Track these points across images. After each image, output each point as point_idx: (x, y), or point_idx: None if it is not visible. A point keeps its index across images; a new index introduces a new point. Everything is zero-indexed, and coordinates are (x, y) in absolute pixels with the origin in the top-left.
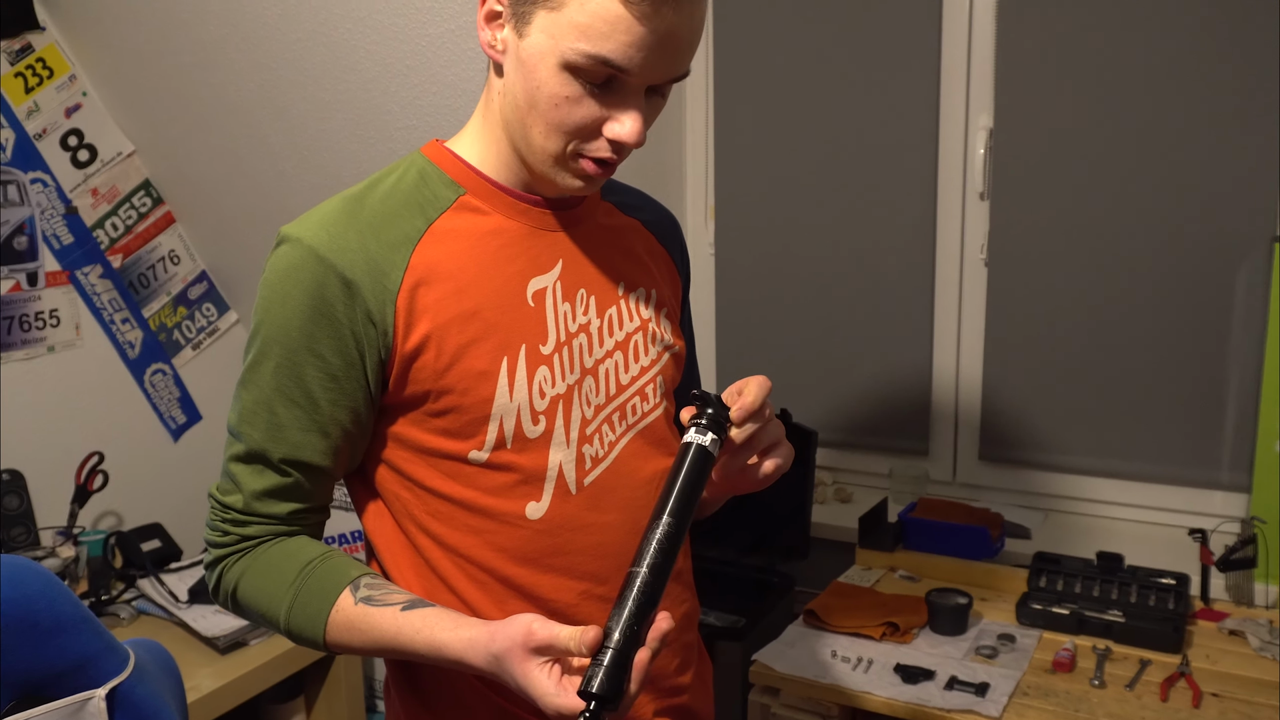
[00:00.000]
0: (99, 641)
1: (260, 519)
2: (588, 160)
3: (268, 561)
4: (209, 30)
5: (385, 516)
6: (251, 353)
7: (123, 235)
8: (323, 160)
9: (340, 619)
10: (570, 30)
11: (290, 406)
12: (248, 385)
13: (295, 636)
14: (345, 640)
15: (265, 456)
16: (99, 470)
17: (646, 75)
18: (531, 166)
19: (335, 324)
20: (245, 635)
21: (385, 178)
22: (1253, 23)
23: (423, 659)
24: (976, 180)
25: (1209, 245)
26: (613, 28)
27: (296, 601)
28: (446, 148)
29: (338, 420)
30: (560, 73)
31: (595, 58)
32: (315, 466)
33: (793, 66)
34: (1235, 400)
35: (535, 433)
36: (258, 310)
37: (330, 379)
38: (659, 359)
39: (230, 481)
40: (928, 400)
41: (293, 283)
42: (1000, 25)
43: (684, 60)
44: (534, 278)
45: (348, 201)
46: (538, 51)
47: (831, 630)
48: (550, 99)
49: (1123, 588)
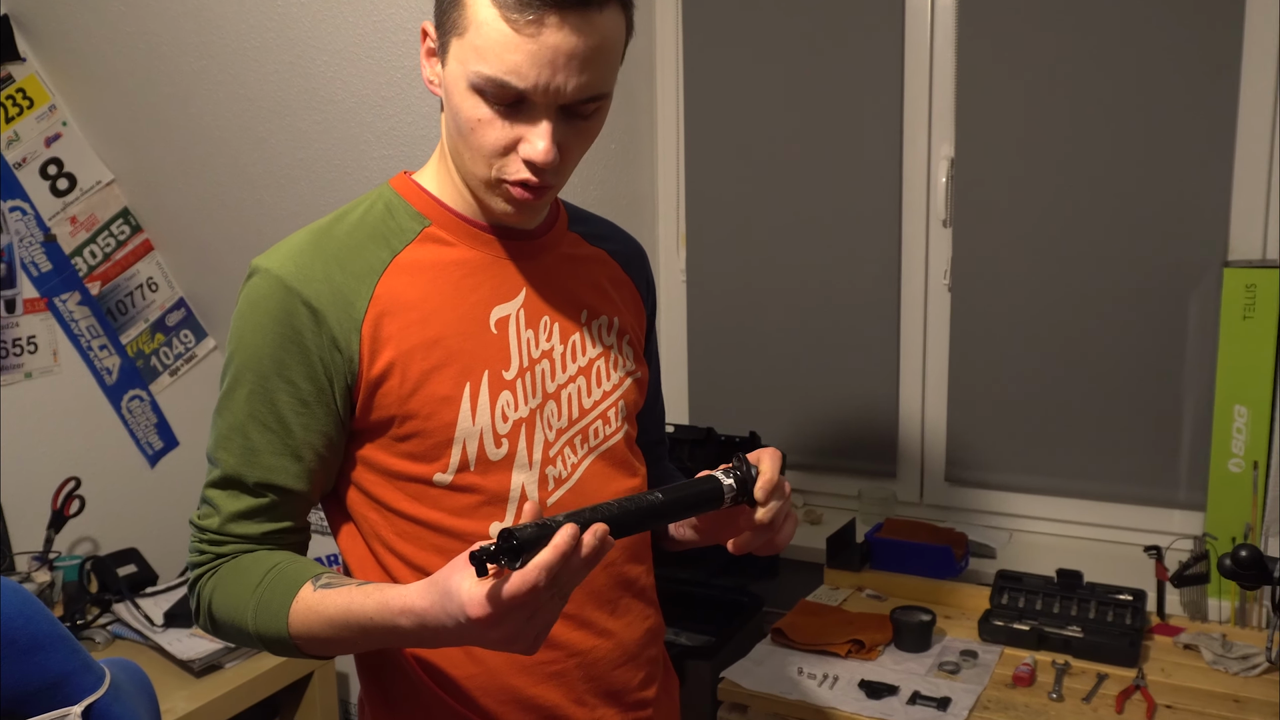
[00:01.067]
0: (75, 659)
1: (235, 539)
2: (511, 185)
3: (236, 569)
4: (188, 62)
5: (356, 537)
6: (226, 380)
7: (101, 263)
8: (300, 189)
9: (300, 607)
10: (471, 54)
11: (263, 431)
12: (222, 412)
13: (263, 638)
14: (306, 626)
15: (240, 480)
16: (75, 495)
17: (546, 94)
18: (472, 192)
19: (304, 351)
20: (220, 658)
21: (353, 210)
22: (1206, 55)
23: (372, 625)
24: (939, 208)
25: (1163, 271)
26: (503, 48)
27: (260, 601)
28: (413, 180)
29: (310, 444)
30: (470, 95)
31: (491, 79)
32: (289, 489)
33: (761, 99)
34: (1190, 421)
35: (498, 455)
36: (231, 339)
37: (301, 404)
38: (620, 384)
39: (208, 506)
40: (895, 423)
41: (263, 312)
42: (960, 59)
43: (585, 79)
44: (497, 305)
45: (315, 234)
46: (453, 78)
47: (799, 648)
48: (467, 122)
49: (1082, 604)
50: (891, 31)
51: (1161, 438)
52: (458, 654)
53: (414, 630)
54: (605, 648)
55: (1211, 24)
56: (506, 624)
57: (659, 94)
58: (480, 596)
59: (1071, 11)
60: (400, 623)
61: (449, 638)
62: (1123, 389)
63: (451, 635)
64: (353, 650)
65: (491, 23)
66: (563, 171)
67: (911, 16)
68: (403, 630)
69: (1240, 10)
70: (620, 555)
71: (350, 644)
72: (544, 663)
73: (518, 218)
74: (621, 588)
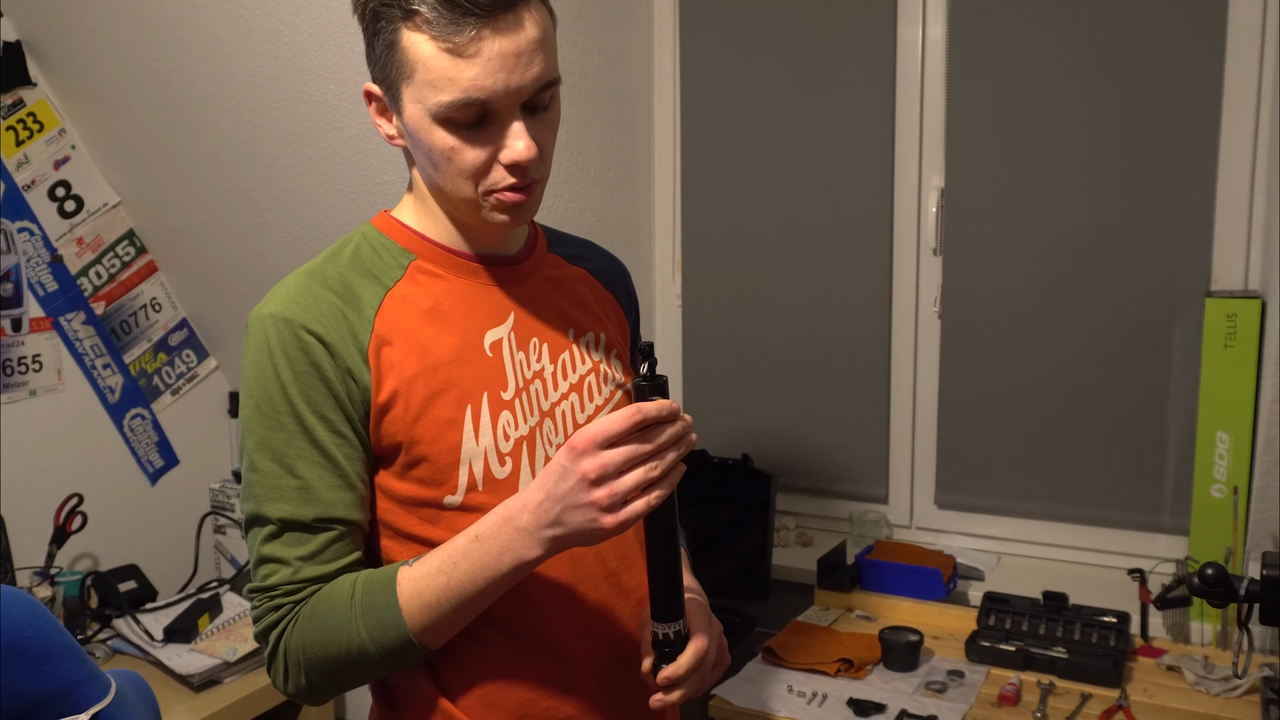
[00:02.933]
0: (83, 669)
1: (309, 583)
2: (501, 193)
3: (317, 603)
4: (196, 89)
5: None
6: (253, 437)
7: (106, 283)
8: (303, 213)
9: (405, 585)
10: (427, 90)
11: (313, 467)
12: (258, 468)
13: (378, 643)
14: (419, 600)
15: (299, 522)
16: (78, 511)
17: (508, 97)
18: (465, 219)
19: (327, 382)
20: (219, 673)
21: (342, 249)
22: (1188, 90)
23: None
24: (930, 237)
25: (1148, 300)
26: (453, 71)
27: (365, 608)
28: (394, 217)
29: (356, 473)
30: (437, 129)
31: (453, 104)
32: (349, 520)
33: (755, 130)
34: (1175, 448)
35: (503, 474)
36: (252, 392)
37: (338, 435)
38: (612, 397)
39: (269, 564)
40: (886, 447)
41: (279, 354)
42: (950, 92)
43: (535, 70)
44: (489, 330)
45: (309, 276)
46: (415, 120)
47: (789, 667)
48: (442, 154)
49: (1067, 626)
50: (883, 66)
51: (1146, 464)
52: (471, 670)
53: (515, 512)
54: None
55: (1193, 60)
56: (604, 458)
57: (655, 124)
58: (590, 428)
59: (1058, 47)
60: (507, 514)
61: (549, 501)
62: (1108, 416)
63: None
64: (468, 605)
65: (434, 55)
66: (543, 166)
67: (903, 52)
68: (510, 520)
69: (1221, 47)
70: (619, 564)
71: (464, 592)
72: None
73: (515, 223)
74: (622, 596)
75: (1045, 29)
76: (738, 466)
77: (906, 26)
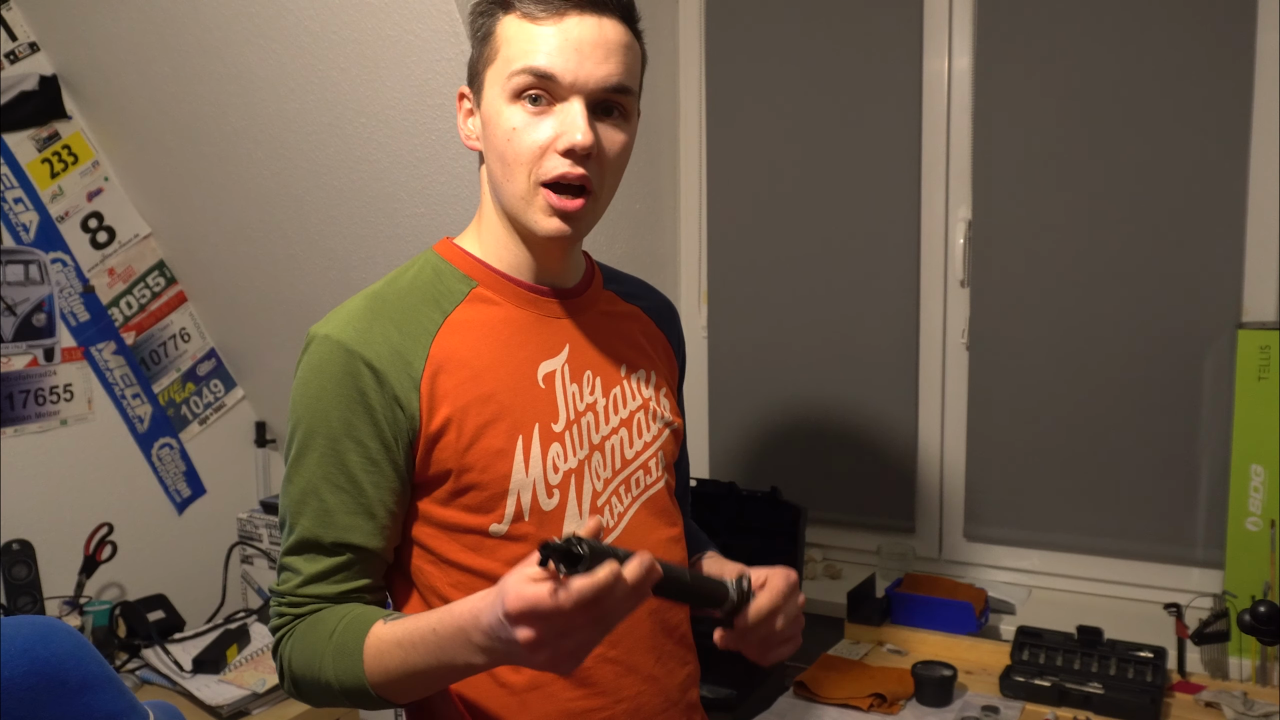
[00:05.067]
0: (122, 701)
1: (312, 600)
2: (548, 191)
3: (312, 624)
4: (229, 122)
5: (411, 591)
6: (294, 448)
7: (136, 313)
8: (332, 245)
9: (373, 641)
10: (504, 65)
11: (337, 492)
12: (293, 479)
13: (341, 684)
14: (379, 658)
15: (317, 542)
16: (108, 541)
17: (576, 79)
18: (518, 221)
19: (370, 410)
20: (248, 704)
21: (403, 274)
22: (1217, 122)
23: (434, 635)
24: (957, 268)
25: (1178, 331)
26: (530, 41)
27: (336, 646)
28: (456, 244)
29: (382, 501)
30: (508, 107)
31: (525, 70)
32: (364, 548)
33: (781, 162)
34: (1208, 480)
35: (550, 505)
36: (296, 407)
37: (370, 463)
38: (660, 435)
39: (287, 571)
40: (913, 479)
41: (327, 376)
42: (976, 124)
43: (609, 68)
44: (543, 361)
45: (370, 299)
46: (490, 104)
47: (821, 701)
48: (505, 135)
49: (1102, 661)
50: (910, 97)
51: (1178, 496)
52: (507, 703)
53: (469, 627)
54: (650, 693)
55: (1220, 90)
56: (538, 629)
57: (682, 156)
58: (519, 591)
59: (1084, 78)
60: (462, 625)
61: (495, 639)
62: (1140, 448)
63: (497, 636)
64: (424, 682)
65: (520, 30)
66: (601, 174)
67: (929, 83)
68: (464, 631)
69: (1249, 75)
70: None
71: (420, 671)
72: (593, 709)
73: (561, 233)
74: (664, 633)
75: (1071, 60)
76: (766, 498)
77: (932, 58)
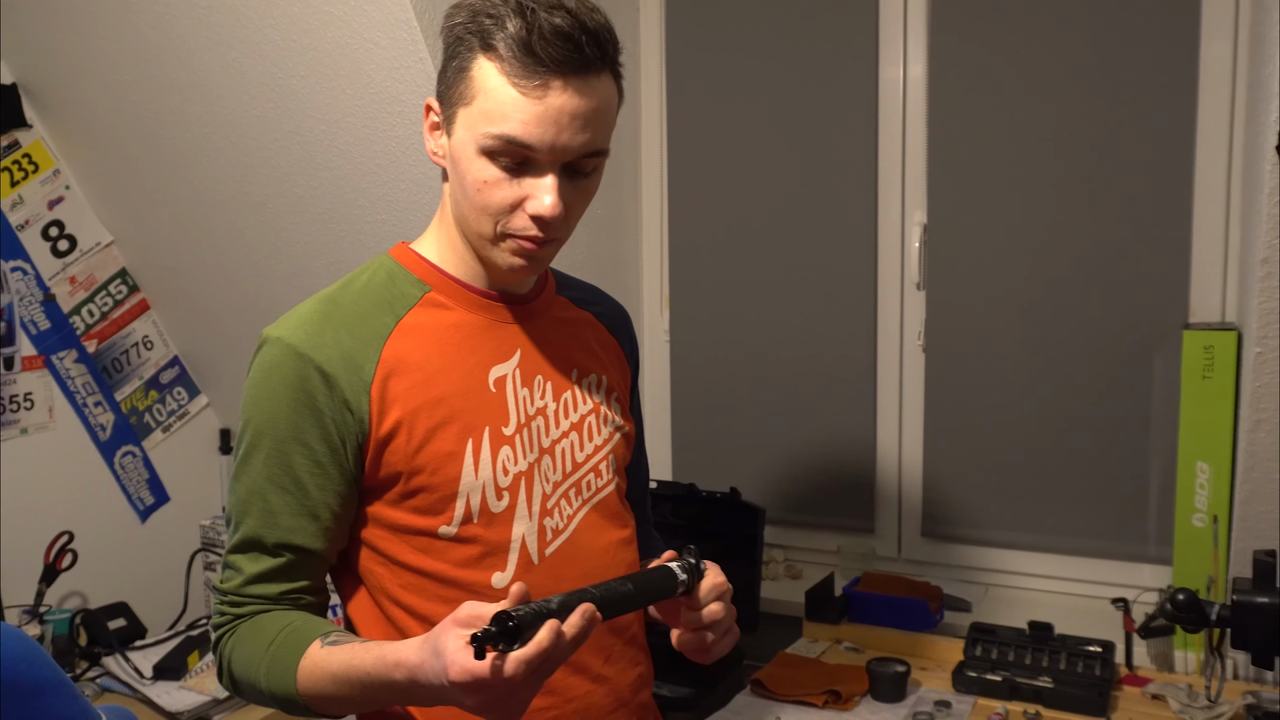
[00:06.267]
0: (75, 705)
1: (253, 600)
2: (517, 239)
3: (253, 628)
4: (191, 129)
5: (361, 592)
6: (242, 447)
7: (98, 321)
8: (295, 251)
9: (307, 663)
10: (480, 118)
11: (281, 494)
12: (240, 477)
13: (275, 696)
14: (313, 683)
15: (260, 542)
16: (68, 549)
17: (553, 151)
18: (478, 253)
19: (318, 414)
20: (209, 710)
21: (357, 278)
22: (1163, 125)
23: (370, 679)
24: (913, 271)
25: (1128, 333)
26: (513, 109)
27: (272, 659)
28: (412, 249)
29: (326, 504)
30: (479, 158)
31: (501, 137)
32: (307, 549)
33: (741, 167)
34: (1157, 478)
35: (499, 508)
36: (245, 407)
37: (317, 466)
38: (610, 439)
39: (230, 570)
40: (873, 480)
41: (277, 379)
42: (931, 131)
43: (587, 136)
44: (495, 366)
45: (323, 302)
46: (461, 145)
47: (777, 699)
48: (474, 184)
49: (1053, 655)
50: (866, 104)
51: (1130, 494)
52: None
53: (406, 684)
54: (599, 694)
55: (1167, 98)
56: (484, 694)
57: (643, 162)
58: (463, 663)
59: (1035, 86)
60: (395, 676)
61: (437, 696)
62: (1092, 447)
63: (438, 694)
64: (357, 709)
65: (501, 88)
66: (566, 227)
67: (885, 91)
68: (397, 684)
69: (1193, 84)
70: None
71: (353, 701)
72: (541, 709)
73: (524, 271)
74: (614, 635)
75: (1022, 68)
76: (726, 500)
77: (888, 66)
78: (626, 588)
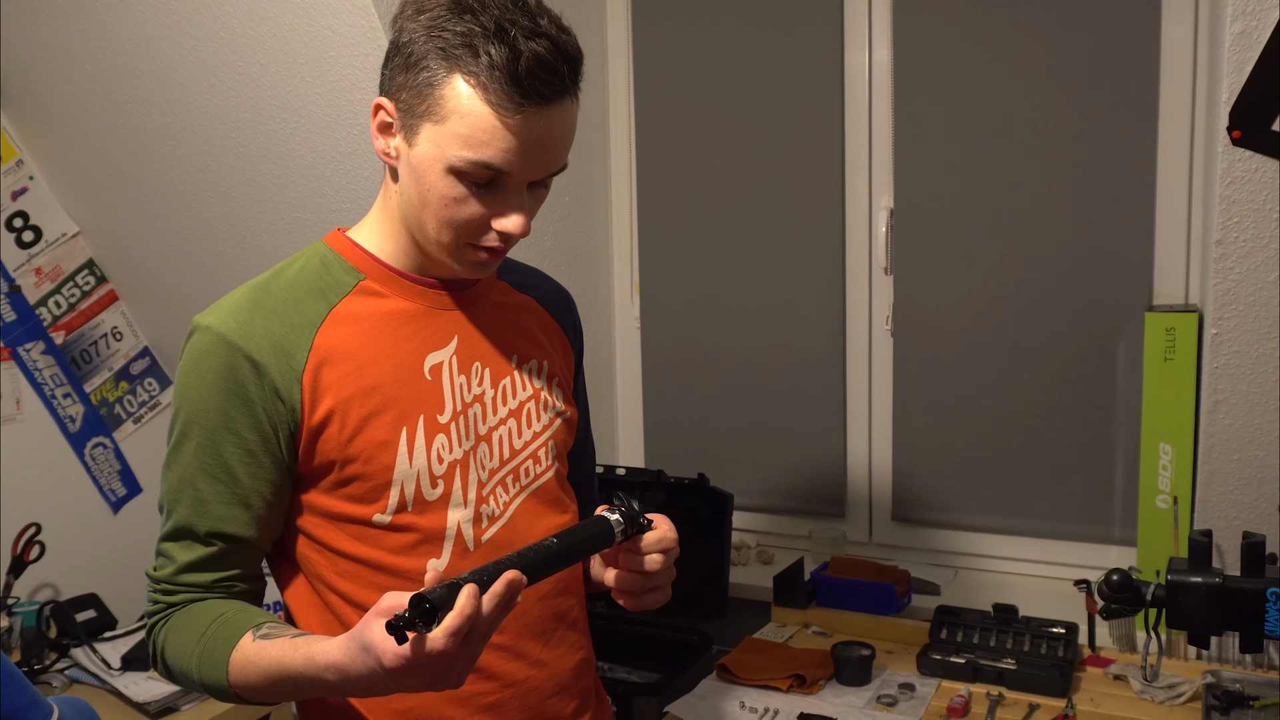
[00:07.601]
0: (22, 695)
1: (186, 588)
2: (480, 249)
3: (186, 617)
4: (153, 119)
5: (299, 579)
6: (174, 435)
7: (66, 313)
8: (261, 240)
9: (239, 656)
10: (453, 140)
11: (212, 482)
12: (171, 466)
13: (207, 686)
14: (244, 676)
15: (192, 530)
16: (36, 541)
17: (525, 174)
18: (430, 255)
19: (248, 403)
20: (176, 701)
21: (289, 266)
22: (1126, 108)
23: (301, 679)
24: (880, 256)
25: (1094, 316)
26: (491, 136)
27: (204, 650)
28: (347, 236)
29: (258, 492)
30: (447, 176)
31: (477, 163)
32: (239, 537)
33: (710, 154)
34: (1122, 460)
35: (434, 495)
36: (176, 395)
37: (248, 454)
38: (550, 424)
39: (162, 558)
40: (843, 465)
41: (206, 367)
42: (897, 116)
43: (558, 158)
44: (431, 353)
45: (254, 290)
46: (426, 159)
47: (742, 683)
48: (440, 199)
49: (1017, 637)
50: (832, 90)
51: (1096, 476)
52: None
53: (339, 683)
54: (539, 678)
55: (1130, 81)
56: (423, 673)
57: (612, 149)
58: (394, 650)
59: (1000, 70)
60: (326, 677)
61: (374, 687)
62: (1059, 430)
63: (375, 685)
64: (291, 698)
65: (479, 115)
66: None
67: (850, 76)
68: (329, 683)
69: (1155, 67)
70: (553, 588)
71: (286, 694)
72: (480, 693)
73: (485, 271)
74: (555, 620)
75: (988, 52)
76: (694, 486)
77: (853, 52)
78: (549, 544)
